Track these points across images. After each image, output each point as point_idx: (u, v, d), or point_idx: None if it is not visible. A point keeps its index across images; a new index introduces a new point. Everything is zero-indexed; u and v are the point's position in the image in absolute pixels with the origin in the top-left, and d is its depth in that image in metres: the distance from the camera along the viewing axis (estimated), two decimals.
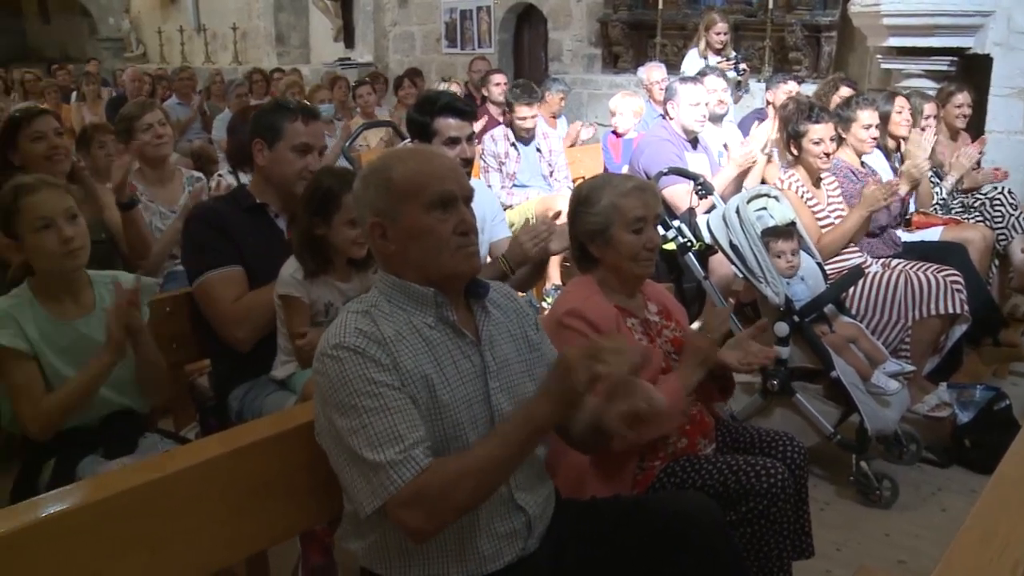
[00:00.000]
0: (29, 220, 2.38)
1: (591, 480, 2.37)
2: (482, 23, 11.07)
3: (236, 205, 2.88)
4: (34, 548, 1.67)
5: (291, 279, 2.62)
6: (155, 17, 17.20)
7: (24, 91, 10.60)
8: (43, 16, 20.59)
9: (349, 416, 1.75)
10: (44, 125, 3.69)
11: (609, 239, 2.50)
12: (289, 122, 2.84)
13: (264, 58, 14.01)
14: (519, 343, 2.01)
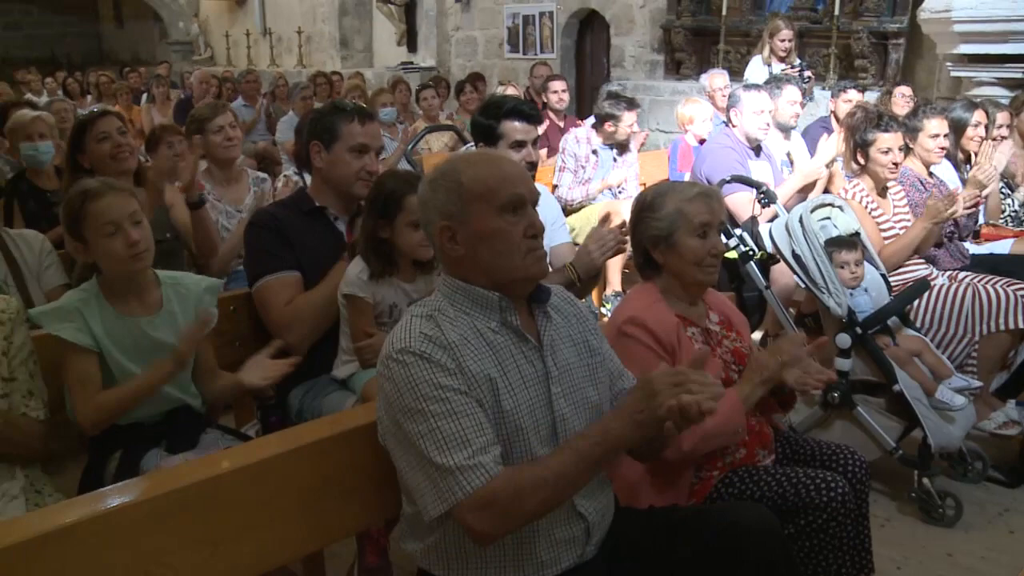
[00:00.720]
0: (96, 225, 2.43)
1: (647, 489, 2.36)
2: (544, 28, 11.08)
3: (296, 209, 2.91)
4: (99, 538, 1.72)
5: (356, 279, 2.65)
6: (223, 21, 17.55)
7: (98, 93, 10.90)
8: (118, 21, 21.17)
9: (416, 420, 1.76)
10: (108, 125, 3.78)
11: (674, 244, 2.49)
12: (346, 123, 2.87)
13: (328, 61, 14.19)
14: (580, 349, 2.01)
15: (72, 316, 2.42)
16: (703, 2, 9.61)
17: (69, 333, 2.39)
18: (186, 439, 2.53)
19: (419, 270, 2.72)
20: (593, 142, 5.71)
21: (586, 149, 5.70)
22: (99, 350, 2.43)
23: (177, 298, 2.58)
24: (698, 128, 6.12)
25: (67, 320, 2.41)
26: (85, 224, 2.44)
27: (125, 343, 2.46)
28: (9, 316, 2.39)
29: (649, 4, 9.96)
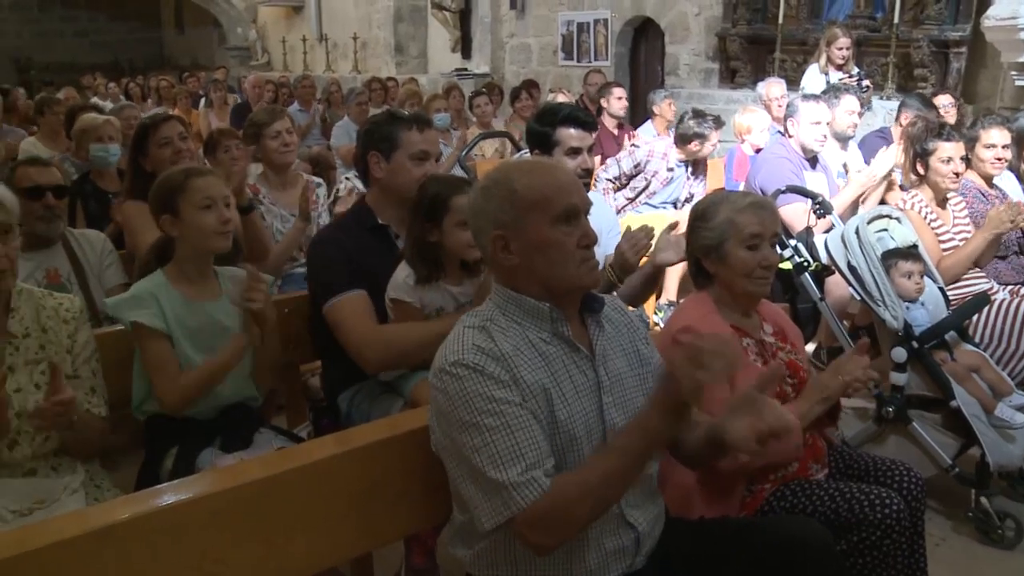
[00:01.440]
0: (195, 198, 2.60)
1: (698, 500, 2.34)
2: (599, 36, 11.07)
3: (360, 225, 2.91)
4: (156, 534, 1.76)
5: (403, 283, 2.67)
6: (280, 27, 17.82)
7: (159, 97, 11.13)
8: (179, 27, 21.66)
9: (470, 434, 1.76)
10: (169, 130, 3.86)
11: (724, 255, 2.47)
12: (404, 131, 2.87)
13: (383, 67, 14.33)
14: (631, 358, 2.00)
15: (147, 302, 2.53)
16: (759, 10, 9.53)
17: (147, 318, 2.50)
18: (240, 438, 2.59)
19: (465, 273, 2.74)
20: (671, 159, 5.67)
21: (661, 163, 5.66)
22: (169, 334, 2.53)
23: (234, 288, 2.67)
24: (755, 138, 6.07)
25: (143, 307, 2.52)
26: (184, 196, 2.60)
27: (192, 327, 2.56)
28: (73, 315, 2.46)
29: (704, 12, 9.90)
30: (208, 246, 2.63)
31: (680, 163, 5.70)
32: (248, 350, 2.62)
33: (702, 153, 5.63)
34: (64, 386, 2.18)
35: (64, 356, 2.40)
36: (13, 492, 2.26)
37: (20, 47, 20.61)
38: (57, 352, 2.39)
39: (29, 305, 2.41)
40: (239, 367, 2.64)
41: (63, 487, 2.33)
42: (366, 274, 2.75)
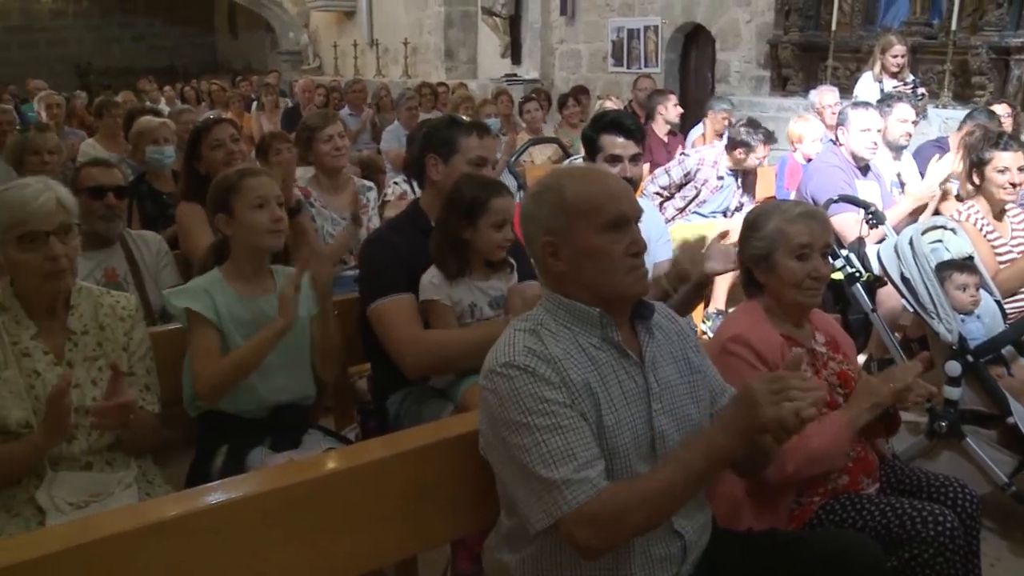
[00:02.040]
0: (248, 197, 2.66)
1: (747, 511, 2.32)
2: (649, 42, 11.03)
3: (414, 227, 2.93)
4: (207, 531, 1.78)
5: (430, 284, 2.73)
6: (331, 32, 18.01)
7: (211, 100, 11.30)
8: (232, 32, 22.03)
9: (521, 434, 1.76)
10: (221, 133, 3.93)
11: (773, 265, 2.45)
12: (464, 137, 2.91)
13: (433, 72, 14.41)
14: (681, 365, 1.99)
15: (200, 295, 2.60)
16: (812, 17, 9.41)
17: (198, 307, 2.57)
18: (290, 438, 2.63)
19: (491, 269, 2.80)
20: (721, 168, 5.64)
21: (711, 172, 5.63)
22: (220, 328, 2.58)
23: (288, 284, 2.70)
24: (807, 147, 6.00)
25: (196, 298, 2.58)
26: (237, 196, 2.66)
27: (245, 322, 2.60)
28: (129, 313, 2.51)
29: (756, 19, 9.82)
30: (261, 244, 2.68)
31: (730, 172, 5.66)
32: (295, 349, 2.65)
33: (747, 163, 5.57)
34: (124, 387, 2.24)
35: (120, 353, 2.45)
36: (70, 485, 2.31)
37: (81, 53, 21.14)
38: (114, 349, 2.45)
39: (88, 303, 2.46)
40: (294, 366, 2.68)
41: (117, 482, 2.38)
42: (417, 276, 2.77)
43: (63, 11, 21.27)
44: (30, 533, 2.15)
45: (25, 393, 2.29)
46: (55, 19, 21.21)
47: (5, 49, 20.52)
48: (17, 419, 2.27)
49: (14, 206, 2.28)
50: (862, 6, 9.00)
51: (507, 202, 2.73)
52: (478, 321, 2.75)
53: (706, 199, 5.68)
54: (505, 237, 2.72)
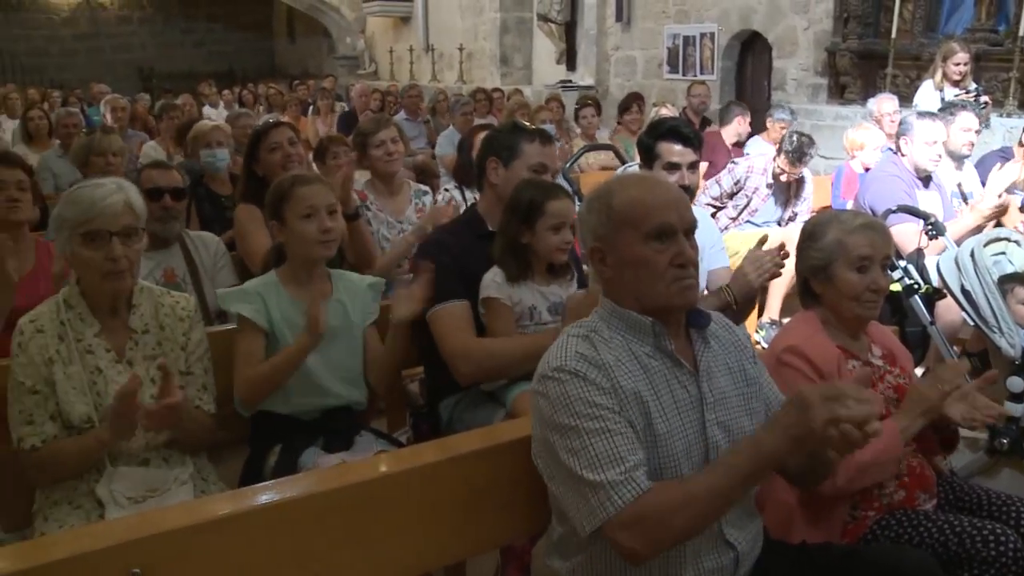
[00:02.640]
0: (297, 207, 2.66)
1: (799, 522, 2.29)
2: (705, 50, 10.96)
3: (470, 231, 2.95)
4: (260, 529, 1.81)
5: (492, 283, 2.74)
6: (388, 37, 18.19)
7: (268, 104, 11.47)
8: (290, 37, 22.38)
9: (570, 437, 1.77)
10: (280, 136, 3.98)
11: (831, 276, 2.42)
12: (527, 142, 2.93)
13: (488, 78, 14.47)
14: (736, 376, 1.97)
15: (252, 298, 2.63)
16: (871, 24, 9.27)
17: (248, 311, 2.60)
18: (342, 439, 2.65)
19: (552, 276, 2.80)
20: (771, 175, 5.59)
21: (758, 180, 5.58)
22: (271, 331, 2.61)
23: (345, 290, 2.77)
24: (866, 156, 5.90)
25: (248, 301, 2.62)
26: (288, 205, 2.67)
27: (297, 325, 2.62)
28: (188, 313, 2.56)
29: (814, 26, 9.71)
30: (309, 254, 2.68)
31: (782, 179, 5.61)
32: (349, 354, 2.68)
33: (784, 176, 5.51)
34: (174, 388, 2.27)
35: (179, 353, 2.50)
36: (129, 480, 2.36)
37: (145, 58, 21.69)
38: (172, 349, 2.49)
39: (149, 302, 2.51)
40: (347, 369, 2.71)
41: (173, 478, 2.42)
42: (473, 282, 2.78)
43: (128, 18, 21.81)
44: (91, 525, 2.21)
45: (88, 389, 2.35)
46: (121, 25, 21.76)
47: (73, 55, 21.11)
48: (80, 414, 2.33)
49: (84, 204, 2.34)
50: (924, 13, 8.84)
51: (564, 205, 2.73)
52: (536, 325, 2.75)
53: (757, 207, 5.63)
54: (563, 240, 2.72)
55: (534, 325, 2.75)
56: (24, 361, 2.32)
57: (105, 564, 1.63)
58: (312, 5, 18.96)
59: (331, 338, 2.66)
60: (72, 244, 2.35)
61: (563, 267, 2.81)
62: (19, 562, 1.59)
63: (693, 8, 11.09)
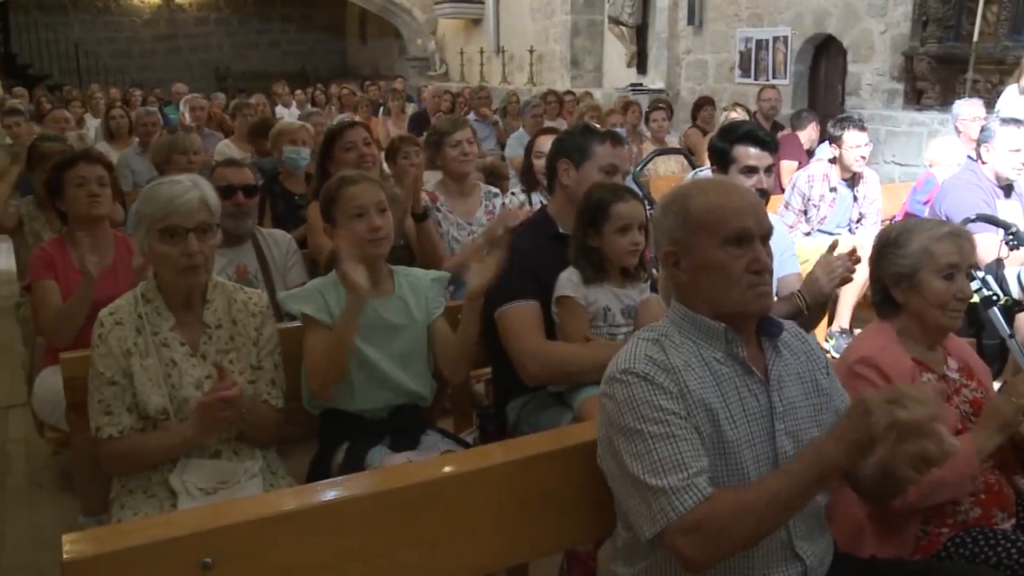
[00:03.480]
0: (346, 207, 2.68)
1: (869, 537, 2.24)
2: (778, 53, 10.80)
3: (542, 233, 2.95)
4: (329, 525, 1.83)
5: (568, 282, 2.74)
6: (459, 39, 18.30)
7: (340, 104, 11.62)
8: (362, 38, 22.69)
9: (634, 440, 1.76)
10: (354, 136, 4.03)
11: (916, 284, 2.36)
12: (598, 144, 2.94)
13: (558, 80, 14.47)
14: (807, 386, 1.94)
15: (314, 297, 2.65)
16: (952, 27, 9.03)
17: (310, 310, 2.62)
18: (409, 439, 2.67)
19: (626, 278, 2.80)
20: (832, 179, 5.52)
21: (822, 188, 5.51)
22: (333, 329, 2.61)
23: (408, 286, 2.77)
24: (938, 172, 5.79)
25: (309, 300, 2.64)
26: (337, 206, 2.70)
27: (360, 323, 2.62)
28: (260, 309, 2.60)
29: (891, 30, 9.50)
30: (362, 253, 2.66)
31: (844, 182, 5.54)
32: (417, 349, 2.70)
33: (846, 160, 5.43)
34: (229, 384, 2.31)
35: (250, 348, 2.55)
36: (201, 471, 2.41)
37: (221, 58, 22.17)
38: (244, 344, 2.54)
39: (222, 298, 2.56)
40: (411, 367, 2.71)
41: (243, 471, 2.46)
42: (543, 283, 2.78)
43: (205, 19, 22.32)
44: (165, 514, 2.26)
45: (163, 382, 2.41)
46: (198, 26, 22.28)
47: (152, 55, 21.69)
48: (155, 406, 2.39)
49: (161, 200, 2.40)
50: (1009, 15, 8.55)
51: (630, 207, 2.72)
52: (610, 326, 2.75)
53: (826, 214, 5.55)
54: (632, 242, 2.71)
55: (607, 327, 2.75)
56: (104, 352, 2.39)
57: (178, 553, 1.67)
58: (384, 7, 19.17)
59: (394, 334, 2.69)
60: (150, 240, 2.41)
61: (637, 269, 2.80)
62: (98, 546, 1.63)
63: (766, 11, 10.95)
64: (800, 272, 3.36)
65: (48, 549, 3.37)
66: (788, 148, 7.23)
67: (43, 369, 3.56)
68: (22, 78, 17.24)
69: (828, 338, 5.11)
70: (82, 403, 2.49)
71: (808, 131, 7.48)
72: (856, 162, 5.43)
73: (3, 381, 5.22)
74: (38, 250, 3.59)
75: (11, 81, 14.90)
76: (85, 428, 2.49)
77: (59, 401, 3.17)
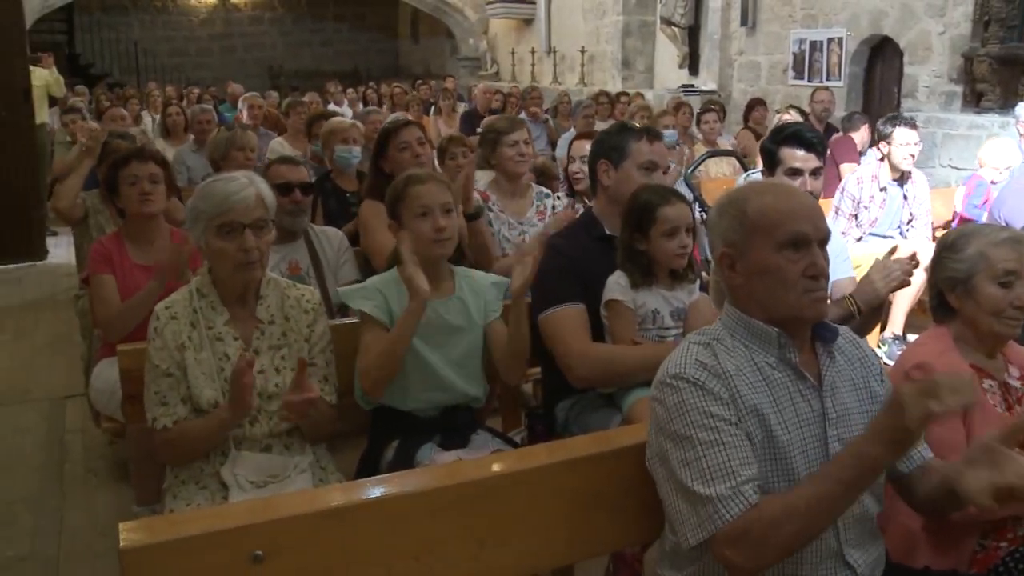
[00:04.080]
0: (412, 206, 2.68)
1: (924, 547, 2.20)
2: (832, 55, 10.65)
3: (586, 234, 2.94)
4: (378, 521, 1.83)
5: (616, 285, 2.73)
6: (510, 39, 18.32)
7: (392, 103, 11.70)
8: (414, 38, 22.85)
9: (683, 447, 1.75)
10: (409, 135, 4.04)
11: (971, 289, 2.31)
12: (635, 141, 2.90)
13: (609, 81, 14.42)
14: (861, 393, 1.91)
15: (373, 295, 2.66)
16: (1014, 27, 8.79)
17: (369, 308, 2.63)
18: (459, 437, 2.67)
19: (675, 280, 2.78)
20: (882, 179, 5.44)
21: (871, 189, 5.43)
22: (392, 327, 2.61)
23: (468, 287, 2.77)
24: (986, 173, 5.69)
25: (369, 298, 2.65)
26: (403, 204, 2.69)
27: (419, 323, 2.61)
28: (313, 306, 2.63)
29: (950, 30, 9.32)
30: (426, 253, 2.66)
31: (894, 183, 5.46)
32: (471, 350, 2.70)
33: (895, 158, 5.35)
34: (311, 384, 2.35)
35: (302, 344, 2.57)
36: (251, 465, 2.45)
37: (274, 57, 22.44)
38: (296, 340, 2.57)
39: (275, 294, 2.59)
40: (466, 368, 2.72)
41: (293, 465, 2.49)
42: (589, 285, 2.77)
43: (260, 18, 22.62)
44: (218, 506, 2.30)
45: (216, 375, 2.44)
46: (252, 25, 22.59)
47: (208, 54, 22.05)
48: (208, 399, 2.42)
49: (218, 196, 2.43)
50: None
51: (677, 210, 2.70)
52: (659, 329, 2.74)
53: (876, 216, 5.47)
54: (680, 245, 2.69)
55: (657, 329, 2.73)
56: (159, 345, 2.43)
57: (230, 544, 1.69)
58: (436, 6, 19.26)
59: (452, 335, 2.69)
60: (207, 235, 2.45)
61: (685, 271, 2.78)
62: (153, 535, 1.66)
63: (821, 12, 10.80)
64: (853, 276, 3.31)
65: (104, 536, 3.45)
66: (843, 151, 7.14)
67: (100, 361, 3.64)
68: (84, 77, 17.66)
69: (881, 344, 5.04)
70: (138, 394, 2.54)
71: (861, 133, 7.37)
72: (905, 160, 5.34)
73: (62, 372, 5.34)
74: (96, 244, 3.67)
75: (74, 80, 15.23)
76: (140, 419, 2.53)
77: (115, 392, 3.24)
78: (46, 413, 4.76)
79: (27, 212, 8.11)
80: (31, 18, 13.95)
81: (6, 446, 4.34)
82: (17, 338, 6.09)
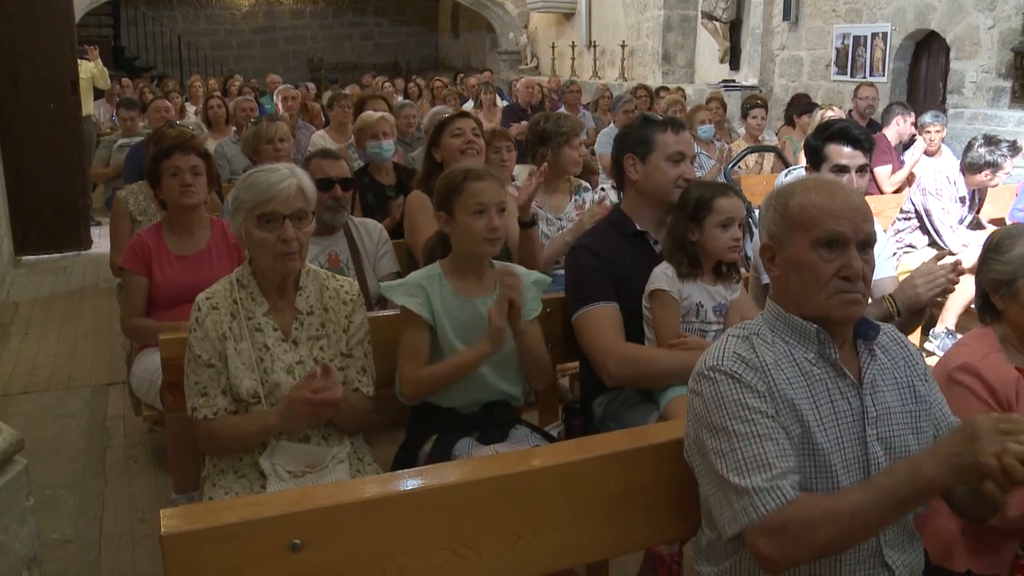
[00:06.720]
0: (467, 202, 2.65)
1: (962, 551, 2.17)
2: (876, 50, 10.50)
3: (618, 232, 2.92)
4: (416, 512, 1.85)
5: (663, 276, 2.73)
6: (550, 33, 18.28)
7: (432, 96, 11.71)
8: (454, 31, 22.91)
9: (720, 438, 1.75)
10: (464, 124, 4.04)
11: (1015, 292, 2.28)
12: (659, 133, 2.88)
13: (649, 75, 14.34)
14: (904, 392, 1.88)
15: (416, 291, 2.65)
16: None
17: (413, 305, 2.62)
18: (498, 431, 2.68)
19: (718, 276, 2.78)
20: (961, 187, 5.34)
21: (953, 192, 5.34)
22: (433, 323, 2.63)
23: None
24: None
25: (412, 295, 2.64)
26: (458, 199, 2.66)
27: (459, 320, 2.64)
28: (352, 297, 2.64)
29: (1000, 24, 9.14)
30: (475, 251, 2.67)
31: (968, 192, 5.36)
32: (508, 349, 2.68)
33: (992, 183, 5.21)
34: (335, 384, 2.36)
35: (341, 335, 2.59)
36: (290, 454, 2.47)
37: (315, 49, 22.61)
38: (335, 331, 2.58)
39: (315, 285, 2.61)
40: (507, 367, 2.71)
41: (331, 456, 2.51)
42: (621, 281, 2.77)
43: (301, 11, 22.80)
44: (257, 495, 2.33)
45: (255, 366, 2.46)
46: (294, 19, 22.78)
47: (250, 47, 22.29)
48: (247, 388, 2.45)
49: (260, 187, 2.45)
50: None
51: (732, 202, 2.70)
52: (702, 322, 2.73)
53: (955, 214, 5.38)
54: (733, 237, 2.69)
55: (699, 322, 2.73)
56: (200, 336, 2.45)
57: (269, 533, 1.71)
58: (477, 0, 19.27)
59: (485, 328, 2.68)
60: (247, 225, 2.47)
61: (730, 269, 2.78)
62: (192, 523, 1.68)
63: (865, 6, 10.65)
64: (896, 276, 3.27)
65: (143, 521, 3.51)
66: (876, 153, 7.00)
67: (142, 350, 3.69)
68: (128, 70, 17.96)
69: (932, 338, 4.99)
70: (178, 383, 2.57)
71: (893, 125, 7.17)
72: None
73: (105, 360, 5.43)
74: (136, 237, 3.71)
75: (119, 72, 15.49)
76: (180, 408, 2.56)
77: (155, 381, 3.29)
78: (89, 400, 4.84)
79: (73, 202, 8.25)
80: (79, 12, 14.18)
81: (52, 431, 4.43)
82: (62, 326, 6.20)
